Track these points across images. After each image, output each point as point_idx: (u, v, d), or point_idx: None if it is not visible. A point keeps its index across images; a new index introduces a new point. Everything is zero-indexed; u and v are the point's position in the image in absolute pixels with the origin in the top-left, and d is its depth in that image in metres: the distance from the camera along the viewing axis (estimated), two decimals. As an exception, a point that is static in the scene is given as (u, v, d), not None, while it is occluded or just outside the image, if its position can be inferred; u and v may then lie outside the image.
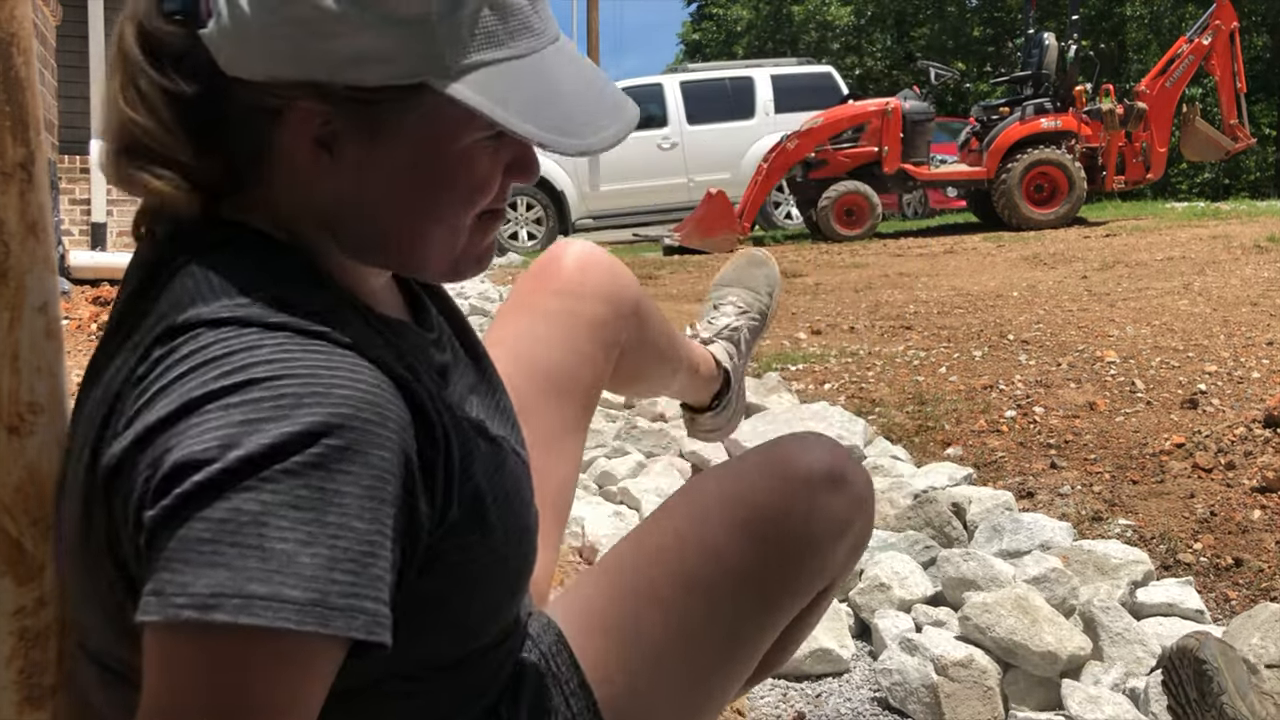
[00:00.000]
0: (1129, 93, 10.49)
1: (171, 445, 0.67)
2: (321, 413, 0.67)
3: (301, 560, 0.65)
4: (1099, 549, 2.23)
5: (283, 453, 0.66)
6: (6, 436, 0.85)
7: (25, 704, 0.87)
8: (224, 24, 0.72)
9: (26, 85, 0.87)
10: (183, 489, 0.65)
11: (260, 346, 0.69)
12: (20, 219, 0.86)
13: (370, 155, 0.76)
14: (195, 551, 0.65)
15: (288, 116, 0.74)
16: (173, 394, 0.69)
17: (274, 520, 0.65)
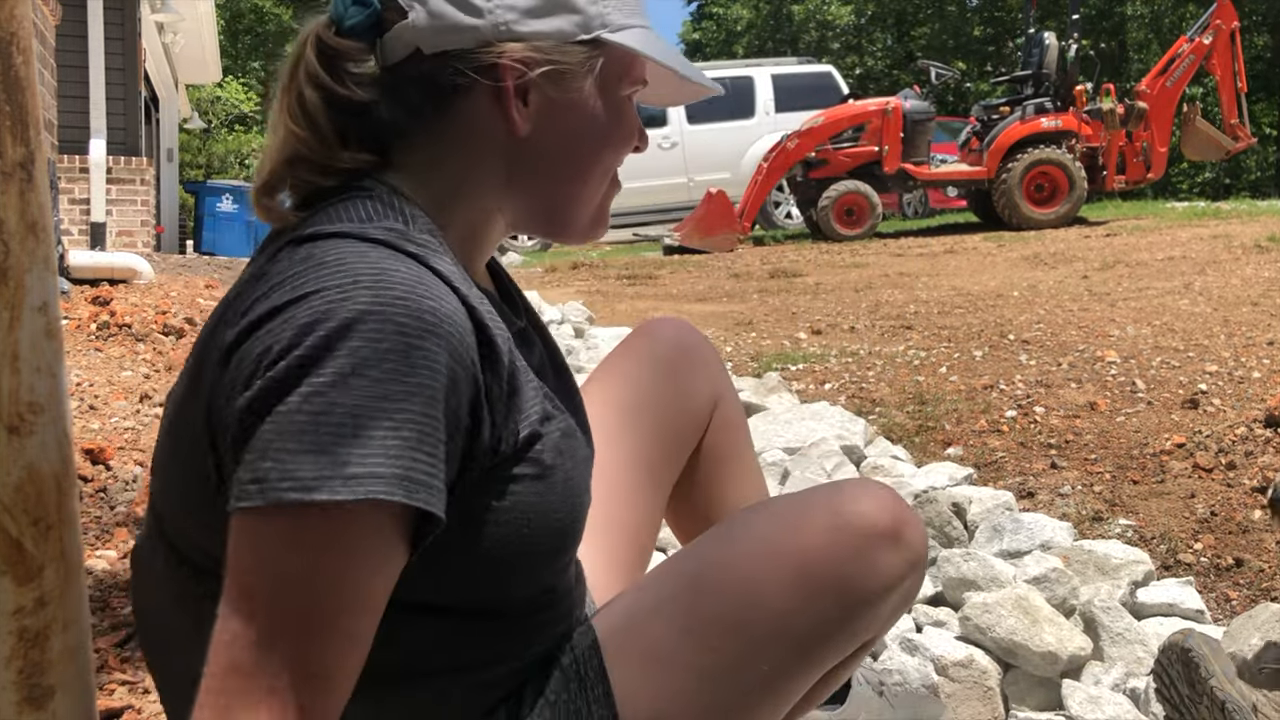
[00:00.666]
0: (1129, 92, 10.49)
1: (270, 333, 0.76)
2: (402, 307, 0.76)
3: (389, 442, 0.73)
4: (1099, 549, 2.23)
5: (357, 337, 0.74)
6: (6, 436, 0.85)
7: (25, 704, 0.87)
8: (434, 8, 0.87)
9: (26, 85, 0.87)
10: (272, 374, 0.74)
11: (366, 255, 0.79)
12: (20, 219, 0.86)
13: (555, 100, 0.91)
14: (290, 437, 0.73)
15: (499, 69, 0.88)
16: (284, 288, 0.79)
17: (353, 403, 0.73)
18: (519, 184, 0.94)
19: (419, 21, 0.88)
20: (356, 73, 0.90)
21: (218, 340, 0.82)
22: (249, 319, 0.79)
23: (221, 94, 21.91)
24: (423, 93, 0.90)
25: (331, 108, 0.90)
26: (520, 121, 0.91)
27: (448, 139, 0.92)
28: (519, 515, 0.88)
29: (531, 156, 0.93)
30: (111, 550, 2.17)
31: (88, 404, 3.08)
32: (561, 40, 0.90)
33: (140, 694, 1.65)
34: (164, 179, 11.97)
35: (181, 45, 11.84)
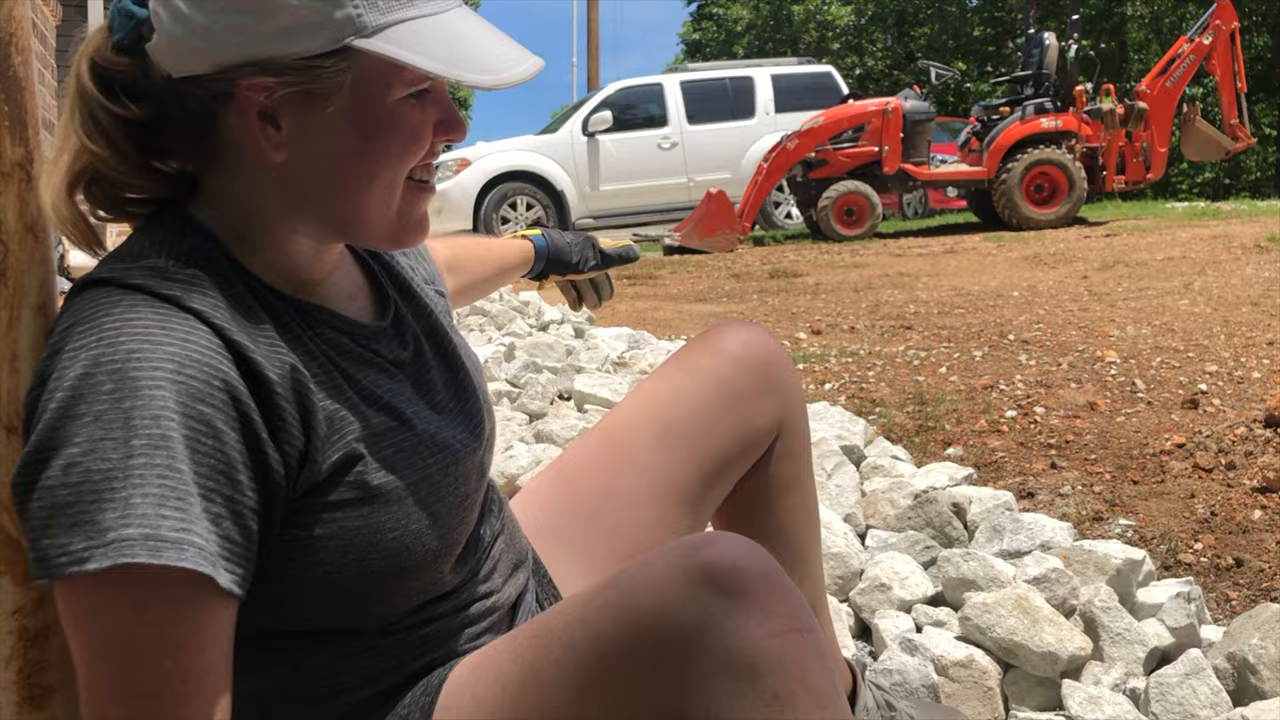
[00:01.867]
0: (1129, 92, 10.49)
1: (30, 402, 0.79)
2: (130, 363, 0.75)
3: (134, 501, 0.72)
4: (1099, 549, 2.23)
5: (90, 401, 0.74)
6: (6, 436, 0.85)
7: (25, 704, 0.87)
8: (167, 30, 0.83)
9: (25, 85, 0.87)
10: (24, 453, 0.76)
11: (113, 309, 0.78)
12: (19, 219, 0.86)
13: (309, 121, 0.84)
14: (41, 519, 0.74)
15: (236, 98, 0.83)
16: (47, 348, 0.80)
17: (99, 467, 0.73)
18: (298, 207, 0.88)
19: (159, 43, 0.83)
20: (131, 88, 0.86)
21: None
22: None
23: (221, 94, 21.94)
24: (186, 116, 0.86)
25: (123, 124, 0.86)
26: (271, 149, 0.85)
27: (220, 163, 0.88)
28: (344, 542, 0.86)
29: (297, 181, 0.86)
30: (111, 550, 2.17)
31: (87, 404, 3.08)
32: (306, 58, 0.81)
33: (140, 694, 1.65)
34: (164, 179, 11.98)
35: (181, 45, 11.85)
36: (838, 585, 2.20)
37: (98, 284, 0.82)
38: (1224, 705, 1.72)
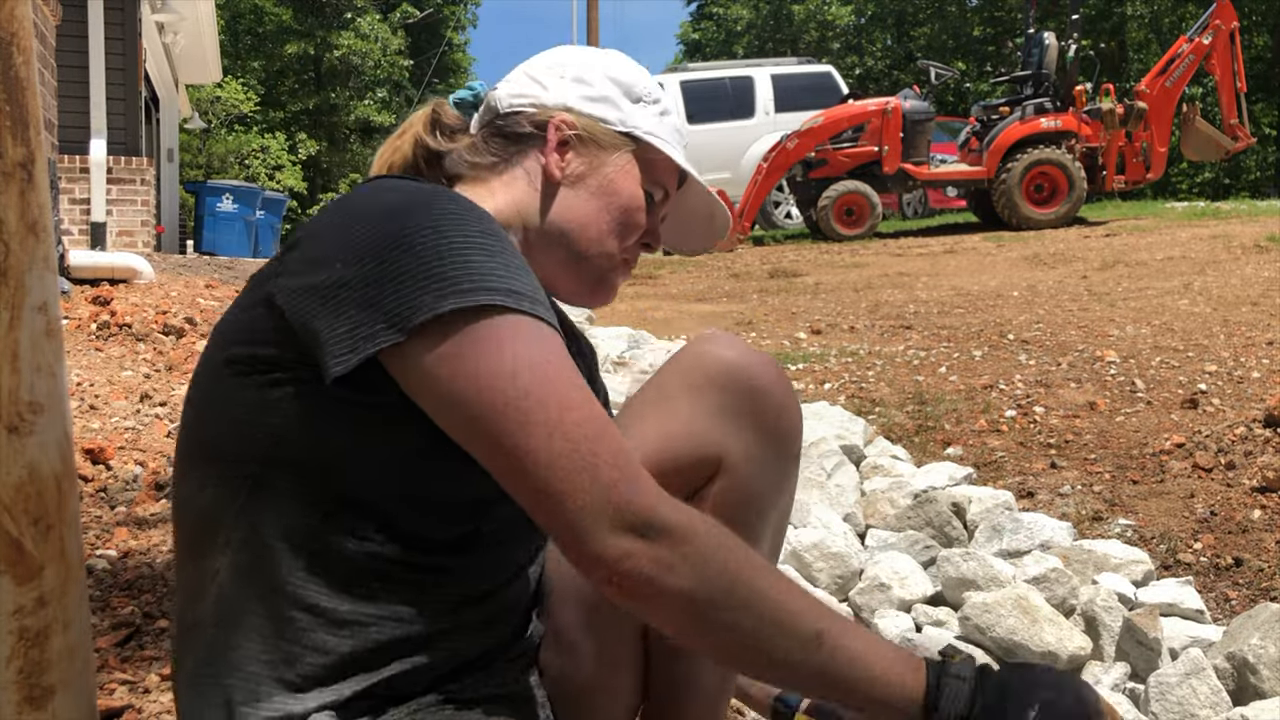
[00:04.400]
0: (1129, 92, 10.50)
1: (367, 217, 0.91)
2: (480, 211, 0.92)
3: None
4: (1099, 549, 2.23)
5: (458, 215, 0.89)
6: (6, 436, 0.85)
7: (25, 703, 0.87)
8: (518, 80, 1.13)
9: (26, 85, 0.87)
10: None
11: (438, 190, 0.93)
12: (20, 219, 0.86)
13: (587, 164, 1.09)
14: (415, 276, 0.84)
15: (544, 128, 1.09)
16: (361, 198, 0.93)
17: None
18: (545, 227, 1.09)
19: (501, 91, 1.13)
20: (451, 130, 1.15)
21: (287, 240, 0.94)
22: (316, 221, 0.92)
23: (221, 94, 21.91)
24: (492, 139, 1.12)
25: (421, 147, 1.14)
26: (555, 167, 1.08)
27: (501, 176, 1.10)
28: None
29: (559, 202, 1.09)
30: (111, 550, 2.17)
31: (88, 404, 3.08)
32: (601, 120, 1.10)
33: (140, 694, 1.65)
34: (164, 179, 11.97)
35: (181, 45, 11.84)
36: (837, 585, 2.20)
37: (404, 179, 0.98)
38: (1224, 705, 1.72)
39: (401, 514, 0.90)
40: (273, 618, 0.88)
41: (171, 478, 1.02)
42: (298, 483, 0.89)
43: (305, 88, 26.84)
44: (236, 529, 0.90)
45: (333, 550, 0.89)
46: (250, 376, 0.89)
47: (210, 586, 0.91)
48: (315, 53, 26.12)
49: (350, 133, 27.79)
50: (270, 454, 0.89)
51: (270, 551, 0.89)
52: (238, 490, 0.90)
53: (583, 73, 1.12)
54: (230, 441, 0.90)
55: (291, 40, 25.66)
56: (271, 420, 0.88)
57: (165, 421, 3.04)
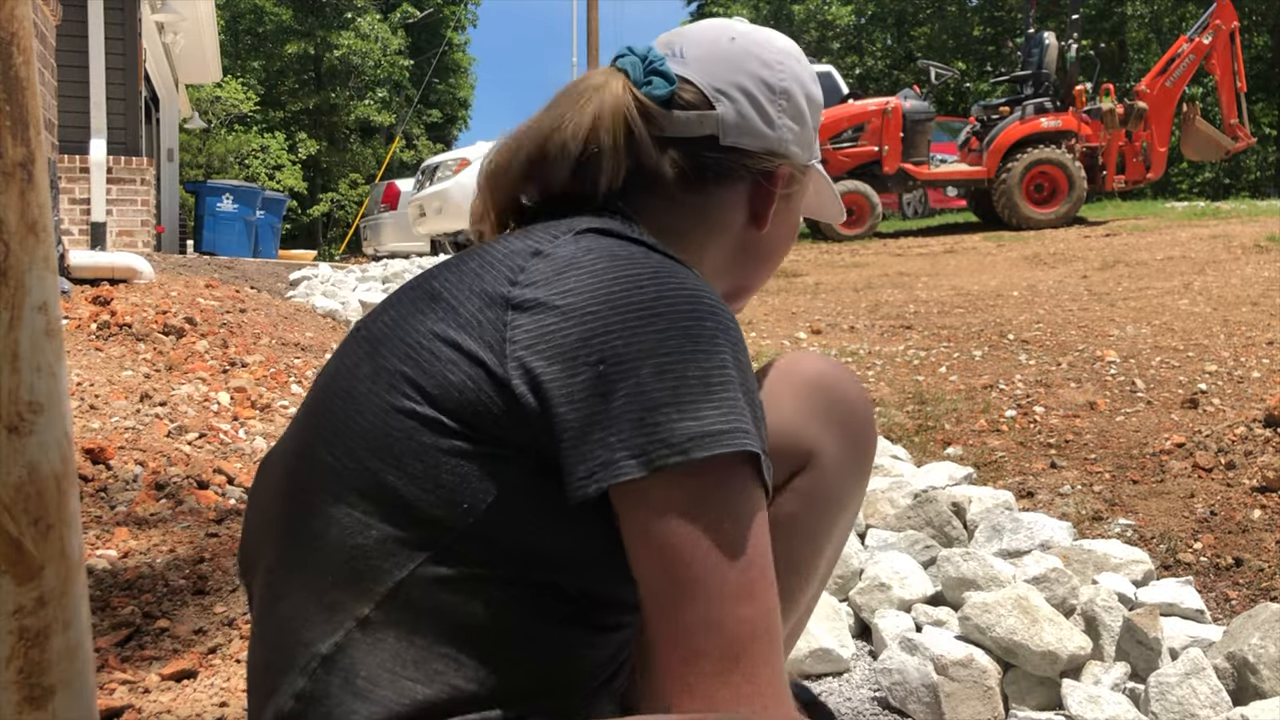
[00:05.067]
0: (1129, 92, 10.50)
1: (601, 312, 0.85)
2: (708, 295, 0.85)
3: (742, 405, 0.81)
4: (1099, 549, 2.23)
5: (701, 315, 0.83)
6: (6, 436, 0.85)
7: (25, 704, 0.87)
8: (746, 113, 1.02)
9: (26, 85, 0.87)
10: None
11: (653, 255, 0.88)
12: (20, 219, 0.86)
13: (786, 212, 1.07)
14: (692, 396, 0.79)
15: (770, 176, 1.04)
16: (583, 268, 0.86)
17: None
18: (736, 268, 1.08)
19: (727, 117, 1.01)
20: (655, 135, 0.99)
21: (491, 291, 0.84)
22: (555, 288, 0.83)
23: (221, 94, 21.92)
24: (701, 171, 1.01)
25: (624, 159, 0.98)
26: (767, 219, 1.05)
27: (696, 213, 1.02)
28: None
29: (756, 248, 1.07)
30: (111, 550, 2.17)
31: (88, 404, 3.08)
32: (801, 163, 1.07)
33: (140, 694, 1.65)
34: (164, 179, 11.97)
35: (181, 45, 11.84)
36: (837, 584, 2.21)
37: (622, 239, 0.90)
38: (1224, 705, 1.72)
39: (590, 602, 0.86)
40: (419, 681, 0.82)
41: (295, 480, 0.90)
42: (490, 559, 0.82)
43: (305, 88, 26.85)
44: (406, 588, 0.82)
45: (507, 627, 0.83)
46: (460, 442, 0.82)
47: (354, 632, 0.83)
48: (315, 53, 26.14)
49: (350, 132, 27.80)
50: (472, 529, 0.82)
51: (440, 621, 0.82)
52: (419, 549, 0.82)
53: (800, 107, 1.06)
54: (430, 502, 0.82)
55: (291, 40, 25.67)
56: (486, 499, 0.81)
57: (165, 421, 3.05)
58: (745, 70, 1.03)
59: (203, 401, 3.35)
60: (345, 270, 7.93)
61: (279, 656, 0.89)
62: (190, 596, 1.99)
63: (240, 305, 5.09)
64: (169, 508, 2.43)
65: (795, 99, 1.05)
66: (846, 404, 1.14)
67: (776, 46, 1.07)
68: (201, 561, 2.13)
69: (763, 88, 1.03)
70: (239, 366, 3.88)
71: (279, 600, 0.90)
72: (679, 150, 1.00)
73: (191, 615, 1.91)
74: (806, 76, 1.08)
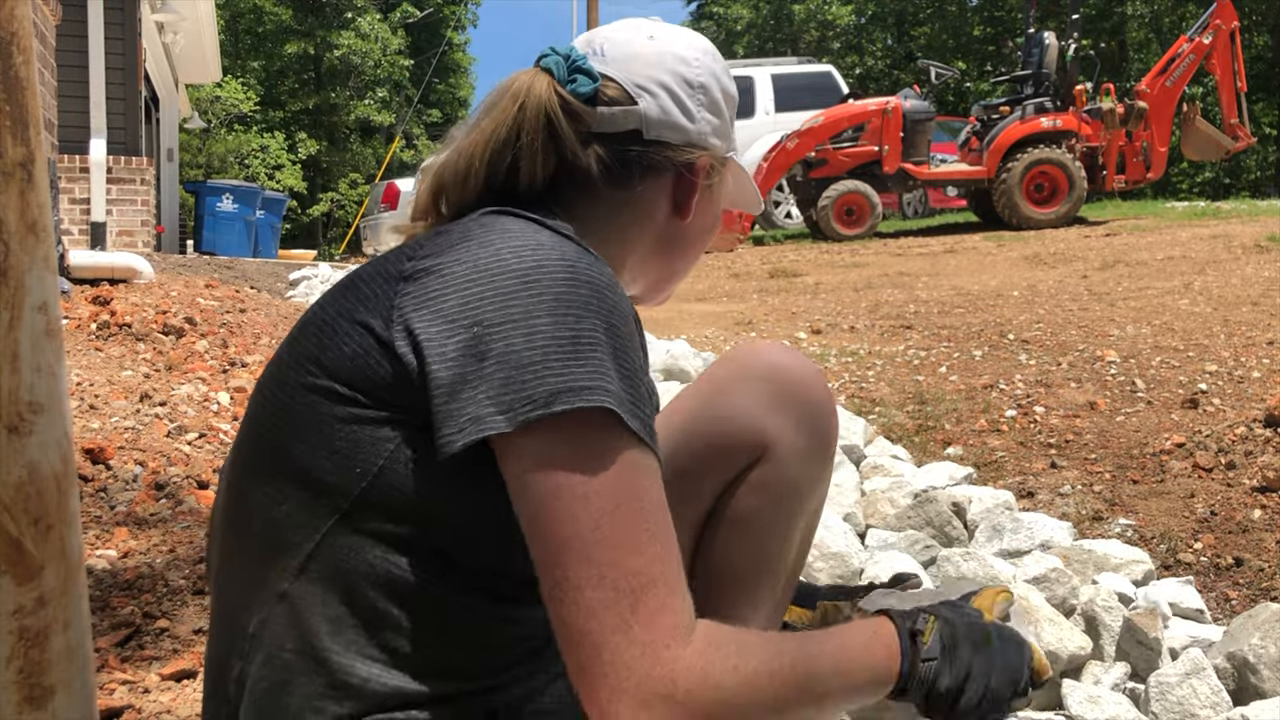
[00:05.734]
0: (1129, 92, 10.50)
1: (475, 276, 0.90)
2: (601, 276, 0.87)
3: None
4: (1099, 549, 2.23)
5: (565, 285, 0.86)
6: (6, 436, 0.85)
7: (25, 703, 0.87)
8: (667, 107, 1.04)
9: (26, 85, 0.87)
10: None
11: (546, 232, 0.91)
12: (20, 218, 0.86)
13: (705, 200, 1.09)
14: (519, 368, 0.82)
15: (690, 167, 1.06)
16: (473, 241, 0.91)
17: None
18: (660, 258, 1.10)
19: (650, 111, 1.04)
20: (579, 131, 1.02)
21: (390, 269, 0.90)
22: (444, 258, 0.88)
23: (221, 94, 21.92)
24: (626, 165, 1.04)
25: (546, 157, 1.01)
26: (689, 209, 1.07)
27: (621, 206, 1.05)
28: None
29: (680, 237, 1.10)
30: (111, 550, 2.17)
31: (88, 404, 3.08)
32: (720, 155, 1.09)
33: (140, 694, 1.65)
34: (164, 179, 11.97)
35: (181, 45, 11.84)
36: (838, 584, 2.21)
37: (521, 218, 0.94)
38: (1224, 705, 1.72)
39: (487, 571, 0.90)
40: (335, 653, 0.87)
41: (231, 472, 0.96)
42: (387, 524, 0.87)
43: (305, 87, 26.84)
44: (316, 559, 0.88)
45: (411, 594, 0.87)
46: (352, 408, 0.87)
47: (275, 606, 0.89)
48: (315, 53, 26.12)
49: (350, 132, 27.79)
50: (366, 492, 0.87)
51: (350, 589, 0.87)
52: (323, 518, 0.88)
53: (716, 99, 1.08)
54: (326, 469, 0.87)
55: (291, 40, 25.66)
56: (376, 461, 0.86)
57: (165, 421, 3.05)
58: (664, 66, 1.06)
59: (203, 401, 3.35)
60: (345, 270, 7.92)
61: (222, 649, 0.94)
62: (190, 596, 1.99)
63: (240, 305, 5.09)
64: (169, 508, 2.42)
65: (712, 93, 1.08)
66: (803, 392, 1.15)
67: (693, 44, 1.10)
68: (201, 561, 2.13)
69: (681, 83, 1.06)
70: (239, 366, 3.88)
71: (221, 594, 0.96)
72: (603, 146, 1.02)
73: (191, 615, 1.91)
74: (721, 72, 1.10)
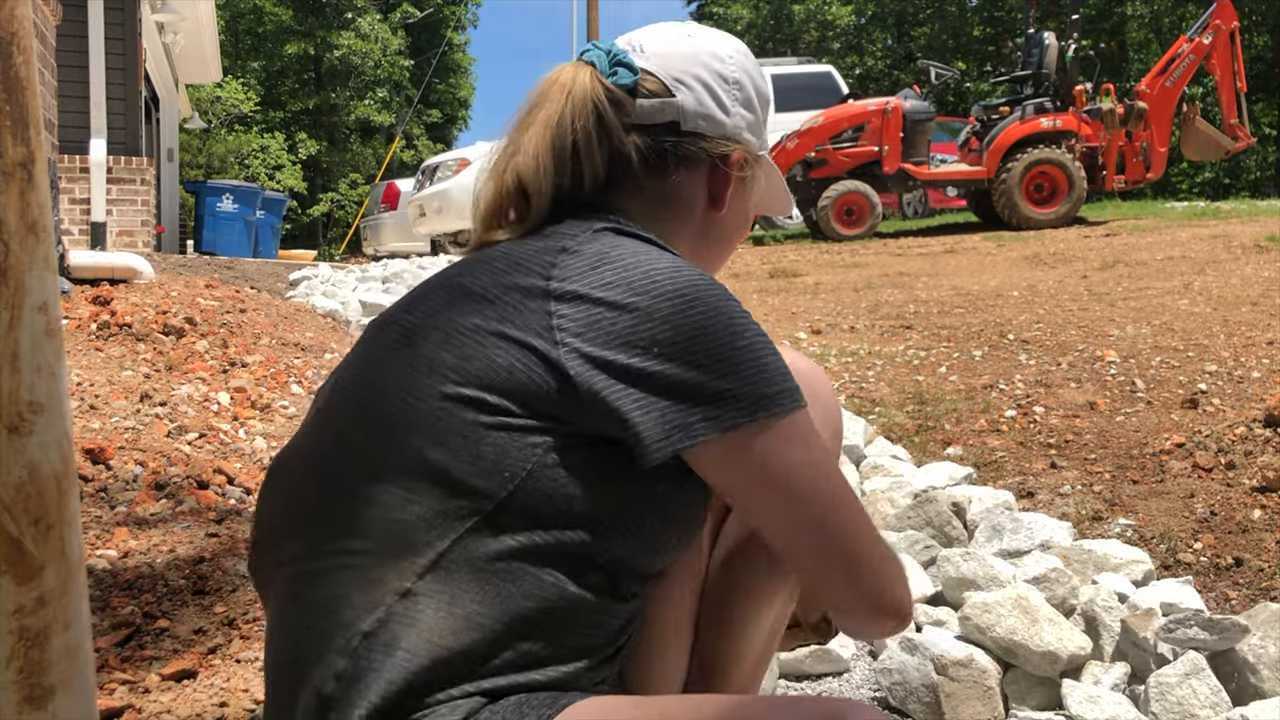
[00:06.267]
0: (1129, 92, 10.50)
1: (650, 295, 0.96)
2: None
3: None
4: (1099, 549, 2.23)
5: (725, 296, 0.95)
6: (7, 436, 0.85)
7: (25, 703, 0.87)
8: (703, 99, 1.09)
9: (26, 85, 0.87)
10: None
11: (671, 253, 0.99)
12: (20, 219, 0.86)
13: (741, 196, 1.14)
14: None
15: (725, 160, 1.10)
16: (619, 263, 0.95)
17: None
18: (700, 252, 1.14)
19: (687, 103, 1.09)
20: (623, 121, 1.06)
21: (522, 283, 0.94)
22: (591, 281, 0.92)
23: (221, 94, 21.92)
24: (663, 155, 1.08)
25: (600, 145, 1.05)
26: (725, 201, 1.11)
27: (661, 199, 1.10)
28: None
29: (713, 229, 1.14)
30: (111, 550, 2.17)
31: (88, 404, 3.08)
32: (754, 151, 1.13)
33: (140, 694, 1.65)
34: (164, 179, 11.97)
35: (181, 45, 11.84)
36: (838, 585, 2.21)
37: (638, 238, 1.00)
38: (1224, 705, 1.72)
39: (621, 571, 0.94)
40: (462, 652, 0.88)
41: (321, 467, 0.95)
42: (529, 528, 0.89)
43: (305, 88, 26.85)
44: (447, 558, 0.88)
45: (545, 596, 0.89)
46: (503, 417, 0.89)
47: (395, 605, 0.88)
48: (315, 53, 26.13)
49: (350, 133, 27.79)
50: (510, 497, 0.89)
51: (480, 589, 0.88)
52: (462, 520, 0.89)
53: (750, 95, 1.13)
54: (470, 473, 0.89)
55: (291, 40, 25.66)
56: (525, 467, 0.89)
57: (165, 421, 3.05)
58: (700, 62, 1.10)
59: (203, 401, 3.35)
60: (345, 270, 7.93)
61: (310, 645, 0.91)
62: (190, 596, 1.99)
63: (240, 305, 5.09)
64: (169, 508, 2.43)
65: (746, 89, 1.12)
66: (812, 393, 1.15)
67: (728, 43, 1.14)
68: (201, 561, 2.13)
69: (717, 78, 1.10)
70: (239, 366, 3.88)
71: (309, 590, 0.94)
72: (642, 136, 1.07)
73: (191, 615, 1.91)
74: (755, 72, 1.15)
